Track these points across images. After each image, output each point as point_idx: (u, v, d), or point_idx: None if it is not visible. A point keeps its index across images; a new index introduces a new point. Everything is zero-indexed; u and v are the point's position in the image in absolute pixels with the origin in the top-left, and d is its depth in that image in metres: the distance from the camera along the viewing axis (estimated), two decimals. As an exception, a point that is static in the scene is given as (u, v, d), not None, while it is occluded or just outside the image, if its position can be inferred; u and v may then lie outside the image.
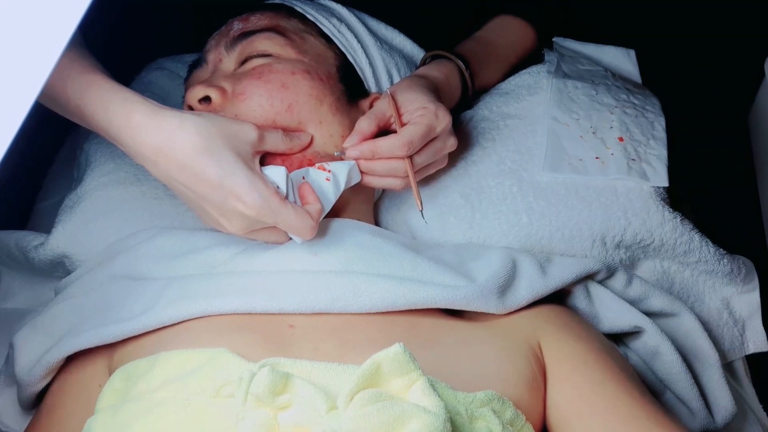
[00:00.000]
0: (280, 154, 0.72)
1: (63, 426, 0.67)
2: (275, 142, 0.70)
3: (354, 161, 0.75)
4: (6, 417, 0.78)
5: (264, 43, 0.77)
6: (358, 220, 0.79)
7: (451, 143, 0.78)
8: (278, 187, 0.68)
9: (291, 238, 0.71)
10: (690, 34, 1.12)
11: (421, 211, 0.76)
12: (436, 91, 0.80)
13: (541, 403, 0.66)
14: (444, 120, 0.75)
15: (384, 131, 0.77)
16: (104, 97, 0.64)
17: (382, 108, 0.76)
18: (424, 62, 0.88)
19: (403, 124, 0.75)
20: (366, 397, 0.52)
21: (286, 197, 0.68)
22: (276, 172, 0.68)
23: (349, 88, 0.79)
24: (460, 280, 0.69)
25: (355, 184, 0.76)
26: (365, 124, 0.74)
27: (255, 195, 0.64)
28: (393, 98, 0.76)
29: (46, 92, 0.64)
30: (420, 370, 0.54)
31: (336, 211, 0.74)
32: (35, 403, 0.75)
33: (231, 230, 0.68)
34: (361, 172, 0.75)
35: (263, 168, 0.69)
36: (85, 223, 0.81)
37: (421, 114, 0.74)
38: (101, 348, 0.68)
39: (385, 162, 0.74)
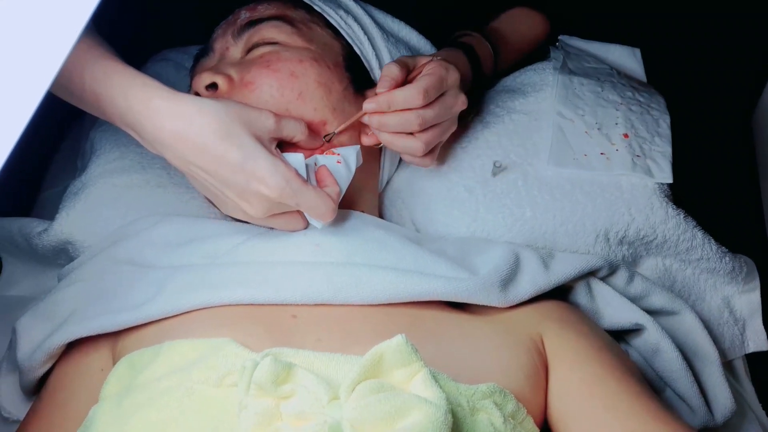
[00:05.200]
0: (295, 144, 0.72)
1: (64, 410, 0.67)
2: (293, 131, 0.70)
3: (359, 146, 0.75)
4: (8, 403, 0.78)
5: (271, 31, 0.77)
6: (363, 211, 0.79)
7: (462, 100, 0.77)
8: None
9: (307, 227, 0.71)
10: (695, 33, 1.11)
11: None
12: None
13: (543, 397, 0.66)
14: (454, 72, 0.76)
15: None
16: (123, 82, 0.64)
17: (404, 59, 0.76)
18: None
19: None
20: (368, 388, 0.52)
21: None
22: (294, 159, 0.69)
23: (356, 78, 0.79)
24: (462, 272, 0.69)
25: (361, 175, 0.76)
26: (394, 68, 0.74)
27: (278, 176, 0.64)
28: (405, 62, 0.76)
29: (60, 80, 0.64)
30: (422, 361, 0.54)
31: (341, 203, 0.75)
32: (37, 389, 0.75)
33: (252, 214, 0.68)
34: (372, 138, 0.76)
35: (282, 154, 0.69)
36: (89, 210, 0.81)
37: (432, 66, 0.75)
38: (104, 334, 0.69)
39: (398, 115, 0.73)
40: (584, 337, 0.70)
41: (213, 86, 0.74)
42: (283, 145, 0.71)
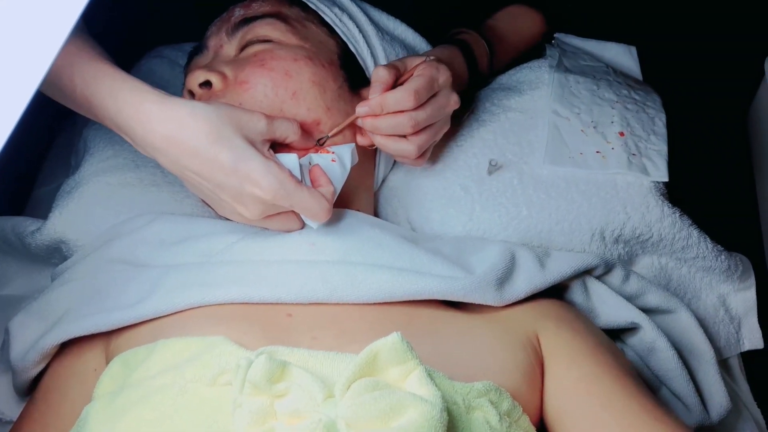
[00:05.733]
0: (288, 144, 0.71)
1: (58, 410, 0.67)
2: (285, 132, 0.70)
3: (353, 144, 0.75)
4: (1, 403, 0.77)
5: (265, 28, 0.77)
6: (359, 210, 0.79)
7: (455, 100, 0.77)
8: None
9: (303, 228, 0.71)
10: (691, 32, 1.12)
11: None
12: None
13: (538, 396, 0.66)
14: (445, 72, 0.75)
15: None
16: (114, 86, 0.63)
17: (394, 63, 0.76)
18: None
19: None
20: (363, 386, 0.52)
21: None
22: (288, 160, 0.68)
23: (351, 76, 0.79)
24: (458, 271, 0.69)
25: (357, 173, 0.76)
26: (384, 72, 0.73)
27: (271, 178, 0.64)
28: (395, 65, 0.76)
29: (52, 81, 0.63)
30: (417, 359, 0.54)
31: (337, 201, 0.74)
32: (30, 389, 0.74)
33: (248, 216, 0.67)
34: (367, 139, 0.75)
35: (276, 155, 0.69)
36: (82, 209, 0.81)
37: (423, 67, 0.75)
38: (97, 333, 0.68)
39: (390, 118, 0.73)
40: (580, 335, 0.69)
41: (207, 84, 0.74)
42: (276, 146, 0.71)
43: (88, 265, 0.75)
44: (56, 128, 1.05)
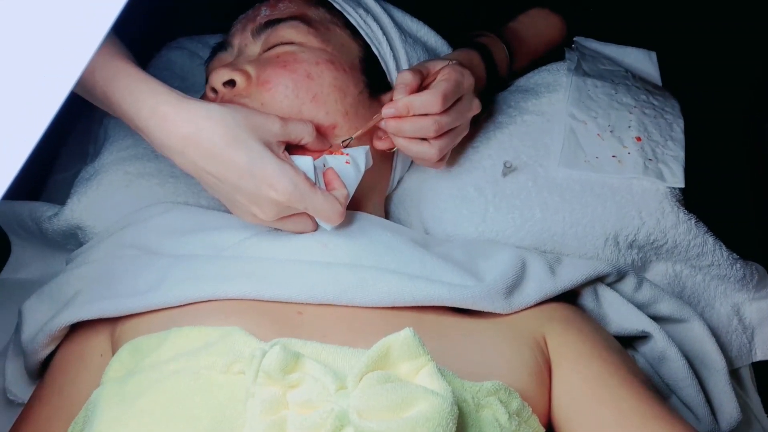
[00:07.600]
0: (303, 146, 0.72)
1: (65, 393, 0.67)
2: (300, 133, 0.70)
3: (368, 147, 0.75)
4: (14, 385, 0.78)
5: (289, 31, 0.77)
6: (370, 213, 0.79)
7: (477, 105, 0.78)
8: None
9: (316, 230, 0.71)
10: (712, 38, 1.11)
11: None
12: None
13: (547, 397, 0.66)
14: (469, 77, 0.76)
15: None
16: (132, 86, 0.64)
17: (417, 67, 0.76)
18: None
19: None
20: (375, 378, 0.52)
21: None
22: (302, 162, 0.69)
23: (372, 81, 0.79)
24: (468, 279, 0.69)
25: (373, 177, 0.76)
26: (409, 75, 0.73)
27: (286, 181, 0.65)
28: (419, 69, 0.76)
29: None
30: (429, 355, 0.54)
31: (349, 204, 0.74)
32: (41, 371, 0.75)
33: (262, 217, 0.68)
34: (385, 143, 0.75)
35: (291, 157, 0.69)
36: (100, 196, 0.81)
37: (448, 71, 0.75)
38: (104, 319, 0.69)
39: (415, 121, 0.73)
40: (587, 337, 0.69)
41: (230, 83, 0.74)
42: (291, 148, 0.71)
43: (101, 250, 0.76)
44: (75, 116, 1.06)
